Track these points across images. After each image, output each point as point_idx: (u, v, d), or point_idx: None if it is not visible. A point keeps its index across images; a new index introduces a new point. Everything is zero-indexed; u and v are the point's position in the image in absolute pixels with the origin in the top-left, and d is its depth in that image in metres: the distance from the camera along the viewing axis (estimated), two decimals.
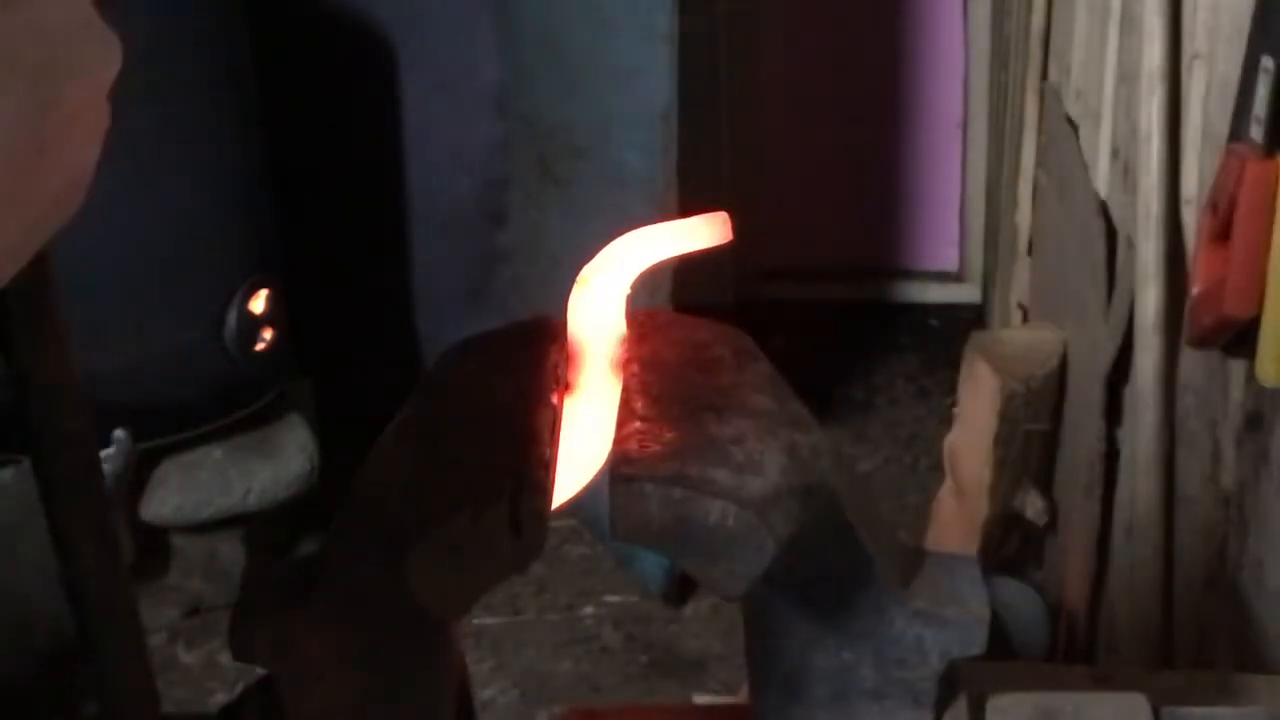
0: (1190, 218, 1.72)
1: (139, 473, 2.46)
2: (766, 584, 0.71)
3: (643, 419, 0.73)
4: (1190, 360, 1.71)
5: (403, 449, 0.74)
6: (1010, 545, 2.32)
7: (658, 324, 0.83)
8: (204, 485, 2.52)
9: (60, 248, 0.62)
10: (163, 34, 2.39)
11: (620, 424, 0.74)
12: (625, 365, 0.79)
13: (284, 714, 0.75)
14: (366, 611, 0.73)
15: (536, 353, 0.79)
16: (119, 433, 2.44)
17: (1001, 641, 0.77)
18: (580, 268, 0.80)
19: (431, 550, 0.66)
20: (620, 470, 0.70)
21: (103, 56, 0.58)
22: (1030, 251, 2.71)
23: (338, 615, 0.73)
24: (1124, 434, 1.92)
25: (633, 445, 0.71)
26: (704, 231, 0.82)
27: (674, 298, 2.30)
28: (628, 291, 0.79)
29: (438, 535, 0.66)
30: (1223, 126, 1.53)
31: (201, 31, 2.45)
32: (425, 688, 0.72)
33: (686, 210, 2.38)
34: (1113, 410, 1.96)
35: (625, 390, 0.77)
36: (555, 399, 0.75)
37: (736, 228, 0.83)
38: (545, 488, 0.69)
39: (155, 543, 2.55)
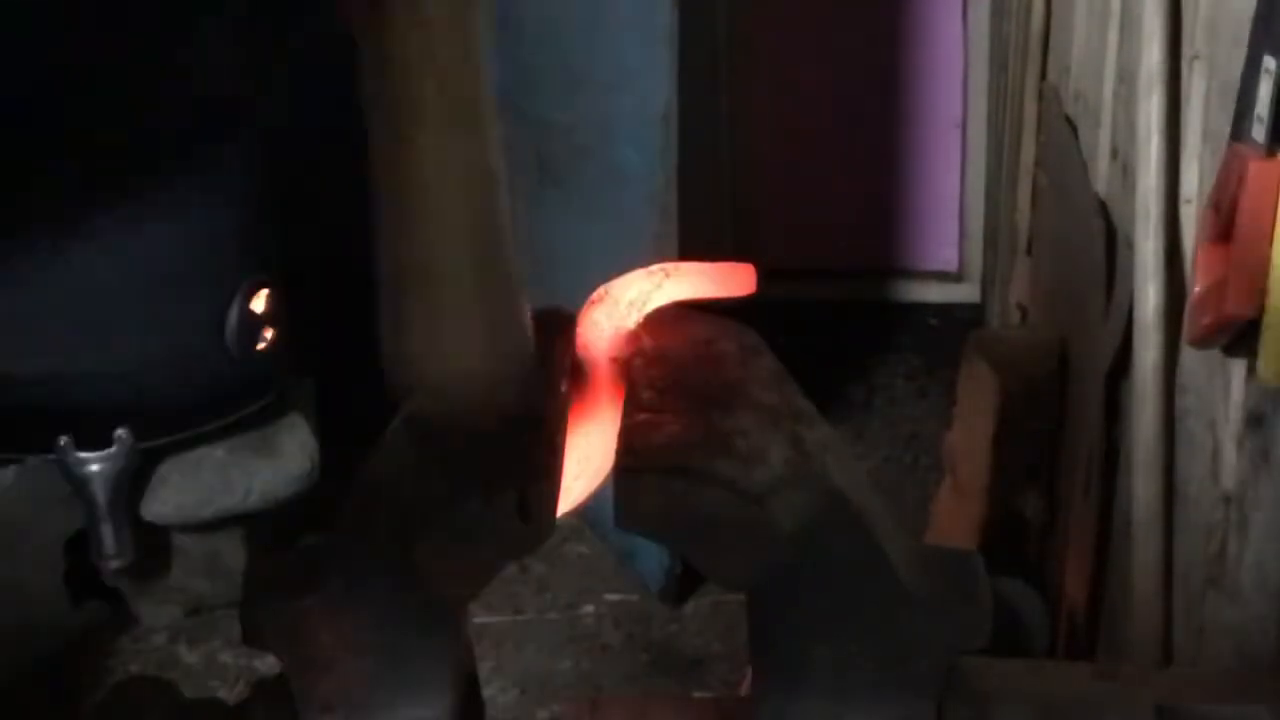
0: (1190, 217, 1.72)
1: (140, 472, 2.46)
2: (769, 575, 0.72)
3: (648, 411, 0.73)
4: (1190, 360, 1.71)
5: (411, 435, 0.75)
6: (1010, 545, 2.32)
7: (665, 319, 0.83)
8: (205, 485, 2.52)
9: (61, 248, 0.63)
10: (161, 34, 2.40)
11: (626, 416, 0.74)
12: (632, 358, 0.80)
13: (294, 704, 0.76)
14: (376, 597, 0.73)
15: (545, 343, 0.79)
16: (120, 432, 2.45)
17: (1003, 641, 0.77)
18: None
19: (441, 534, 0.67)
20: (625, 462, 0.71)
21: None
22: (1030, 251, 2.71)
23: (347, 601, 0.73)
24: (1123, 433, 1.92)
25: (638, 437, 0.72)
26: (730, 279, 0.83)
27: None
28: (638, 319, 0.81)
29: (447, 520, 0.67)
30: (1223, 126, 1.53)
31: (201, 32, 2.45)
32: (434, 675, 0.73)
33: (685, 210, 2.38)
34: (1112, 410, 1.97)
35: (631, 383, 0.77)
36: (564, 388, 0.76)
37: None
38: (554, 474, 0.70)
39: (157, 542, 2.55)
